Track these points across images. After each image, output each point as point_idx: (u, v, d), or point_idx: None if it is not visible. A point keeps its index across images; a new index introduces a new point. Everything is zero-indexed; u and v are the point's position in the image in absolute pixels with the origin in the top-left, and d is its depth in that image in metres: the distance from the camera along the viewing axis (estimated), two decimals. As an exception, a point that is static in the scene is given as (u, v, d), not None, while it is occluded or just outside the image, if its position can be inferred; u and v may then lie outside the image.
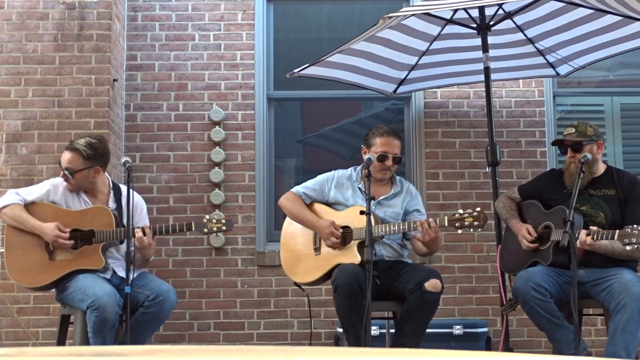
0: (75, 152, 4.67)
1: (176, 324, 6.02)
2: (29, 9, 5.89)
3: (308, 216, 4.89)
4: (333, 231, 4.72)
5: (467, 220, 4.54)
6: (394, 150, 4.83)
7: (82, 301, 4.41)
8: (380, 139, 4.83)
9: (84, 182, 4.72)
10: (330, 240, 4.73)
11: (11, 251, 4.67)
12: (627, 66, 6.69)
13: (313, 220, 4.86)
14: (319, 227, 4.80)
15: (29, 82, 5.83)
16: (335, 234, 4.72)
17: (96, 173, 4.73)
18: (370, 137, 4.88)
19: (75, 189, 4.74)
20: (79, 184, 4.72)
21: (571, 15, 5.43)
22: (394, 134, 4.88)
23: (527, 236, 4.74)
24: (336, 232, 4.72)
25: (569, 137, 4.75)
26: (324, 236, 4.76)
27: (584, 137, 4.72)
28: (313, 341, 5.91)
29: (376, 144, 4.83)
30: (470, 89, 6.33)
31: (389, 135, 4.84)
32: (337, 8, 6.75)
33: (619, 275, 4.50)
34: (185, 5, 6.39)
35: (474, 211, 4.55)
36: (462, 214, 4.56)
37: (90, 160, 4.69)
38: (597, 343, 5.75)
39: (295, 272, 4.96)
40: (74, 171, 4.66)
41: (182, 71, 6.34)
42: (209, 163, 6.22)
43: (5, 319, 5.66)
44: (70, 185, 4.72)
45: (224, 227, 4.73)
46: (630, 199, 4.71)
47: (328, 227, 4.74)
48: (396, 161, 4.87)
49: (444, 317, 5.75)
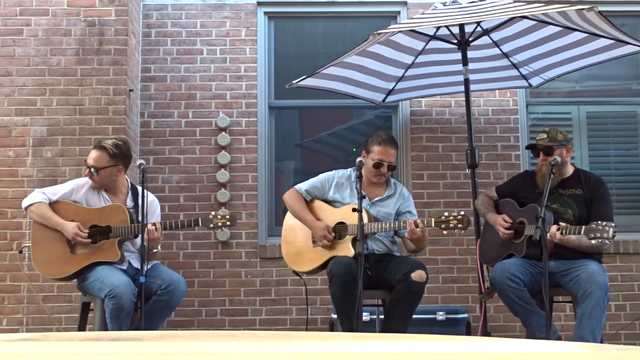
0: (103, 150, 4.68)
1: (186, 310, 6.01)
2: (53, 26, 5.88)
3: (306, 216, 4.88)
4: (326, 234, 4.73)
5: (452, 222, 4.53)
6: (389, 158, 4.81)
7: (101, 290, 4.40)
8: (378, 147, 4.80)
9: (107, 179, 4.70)
10: (322, 242, 4.74)
11: (37, 245, 4.66)
12: (592, 78, 6.69)
13: (310, 220, 4.85)
14: (315, 228, 4.79)
15: (54, 92, 5.82)
16: (327, 237, 4.73)
17: (119, 172, 4.71)
18: (369, 144, 4.86)
19: (99, 185, 4.72)
20: (102, 180, 4.70)
21: (542, 32, 5.44)
22: (391, 143, 4.83)
23: (503, 224, 4.74)
24: (328, 235, 4.73)
25: (542, 142, 4.75)
26: (318, 237, 4.76)
27: (554, 141, 4.72)
28: (310, 326, 5.91)
29: (374, 152, 4.81)
30: (452, 98, 6.33)
31: (386, 144, 4.80)
32: (332, 25, 6.74)
33: (585, 266, 4.50)
34: (194, 23, 6.38)
35: (459, 214, 4.54)
36: (448, 217, 4.54)
37: (115, 159, 4.69)
38: (566, 327, 5.74)
39: (294, 261, 4.94)
40: (99, 168, 4.65)
41: (192, 82, 6.32)
42: (216, 165, 6.21)
43: (32, 306, 5.65)
44: (94, 182, 4.70)
45: (228, 222, 4.72)
46: (595, 198, 4.72)
47: (322, 230, 4.74)
48: (390, 169, 4.85)
49: (428, 304, 5.74)
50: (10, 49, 5.86)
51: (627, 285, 6.16)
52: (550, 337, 4.36)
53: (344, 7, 6.54)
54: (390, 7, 6.52)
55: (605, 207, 4.69)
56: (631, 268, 6.18)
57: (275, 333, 2.15)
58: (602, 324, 4.39)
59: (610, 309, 5.86)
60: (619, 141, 6.64)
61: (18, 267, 5.56)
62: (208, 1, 6.42)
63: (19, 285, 5.62)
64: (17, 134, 5.76)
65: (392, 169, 4.86)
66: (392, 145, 4.84)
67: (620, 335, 6.06)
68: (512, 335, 5.95)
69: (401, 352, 1.54)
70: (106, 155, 4.67)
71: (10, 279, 5.62)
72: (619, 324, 6.07)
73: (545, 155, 4.72)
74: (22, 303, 5.63)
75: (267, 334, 1.95)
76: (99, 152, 4.68)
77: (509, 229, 4.72)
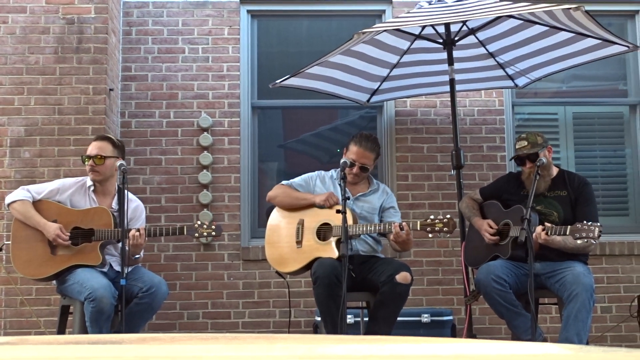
0: (107, 140, 4.72)
1: (168, 313, 5.99)
2: (31, 23, 5.84)
3: (300, 195, 4.88)
4: (328, 198, 4.70)
5: (438, 225, 4.54)
6: (361, 160, 4.81)
7: (80, 293, 4.38)
8: (354, 147, 4.82)
9: (108, 171, 4.68)
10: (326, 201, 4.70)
11: (17, 244, 4.64)
12: (578, 78, 6.73)
13: (307, 196, 4.84)
14: (313, 199, 4.78)
15: (32, 92, 5.78)
16: (331, 200, 4.69)
17: (116, 169, 4.67)
18: (349, 142, 4.88)
19: (100, 178, 4.67)
20: (105, 172, 4.66)
21: (528, 32, 5.46)
22: (367, 145, 4.82)
23: (488, 230, 4.77)
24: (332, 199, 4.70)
25: (525, 150, 4.74)
26: (318, 201, 4.73)
27: (536, 146, 4.73)
28: (293, 329, 5.90)
29: (350, 150, 4.84)
30: (437, 98, 6.35)
31: (362, 145, 4.80)
32: (316, 24, 6.74)
33: (571, 268, 4.53)
34: (176, 21, 6.36)
35: (445, 217, 4.55)
36: (434, 220, 4.55)
37: (118, 150, 4.72)
38: (551, 329, 5.77)
39: (278, 262, 4.92)
40: (105, 157, 4.63)
41: (173, 82, 6.31)
42: (198, 166, 6.20)
43: (10, 309, 5.61)
44: (95, 175, 4.65)
45: (213, 232, 4.71)
46: (580, 199, 4.75)
47: (322, 196, 4.73)
48: (363, 170, 4.85)
49: (413, 306, 5.76)
50: (-12, 47, 5.82)
51: (613, 287, 6.20)
52: (536, 339, 4.38)
53: (328, 5, 6.55)
54: (375, 5, 6.54)
55: (590, 208, 4.72)
56: (617, 270, 6.22)
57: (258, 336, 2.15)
58: (588, 326, 4.42)
59: (596, 311, 5.90)
60: (605, 142, 6.68)
61: (-5, 269, 5.53)
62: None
63: (-4, 288, 5.58)
64: (-6, 133, 5.72)
65: (364, 170, 4.85)
66: (368, 147, 4.83)
67: (606, 337, 6.11)
68: (497, 338, 5.97)
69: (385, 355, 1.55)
70: (110, 145, 4.69)
71: (-13, 281, 5.58)
72: (604, 325, 6.12)
73: (531, 162, 4.73)
74: (0, 306, 5.60)
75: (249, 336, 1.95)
76: (103, 142, 4.70)
77: (494, 235, 4.75)
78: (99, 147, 4.67)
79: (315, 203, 4.78)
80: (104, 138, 4.75)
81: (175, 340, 1.82)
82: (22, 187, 4.75)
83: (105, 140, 4.71)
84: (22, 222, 4.62)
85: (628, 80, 6.66)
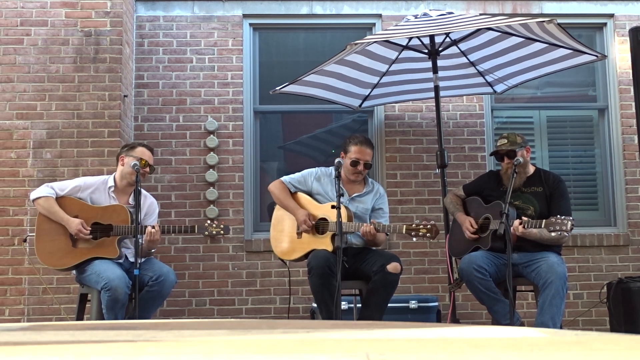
0: (151, 150, 4.85)
1: (177, 300, 5.98)
2: (52, 36, 5.83)
3: (290, 204, 4.87)
4: (306, 220, 4.73)
5: (422, 230, 4.53)
6: (365, 157, 4.82)
7: (97, 283, 4.38)
8: (354, 147, 4.82)
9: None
10: (302, 227, 4.74)
11: (40, 236, 4.62)
12: (552, 85, 6.73)
13: (294, 207, 4.84)
14: (298, 215, 4.79)
15: (52, 98, 5.77)
16: (307, 224, 4.73)
17: None
18: (347, 145, 4.87)
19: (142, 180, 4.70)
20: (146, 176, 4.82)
21: (506, 43, 5.46)
22: (367, 143, 4.85)
23: (469, 227, 4.76)
24: (309, 222, 4.73)
25: (504, 147, 4.75)
26: (299, 222, 4.76)
27: (515, 145, 4.74)
28: (292, 314, 5.90)
29: (351, 151, 4.83)
30: (423, 103, 6.34)
31: (362, 144, 4.82)
32: (312, 36, 6.74)
33: (546, 258, 4.53)
34: (184, 33, 6.36)
35: (429, 224, 4.54)
36: (418, 225, 4.54)
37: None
38: (528, 314, 5.78)
39: (282, 249, 4.93)
40: (153, 166, 4.83)
41: (182, 89, 6.29)
42: (205, 166, 6.19)
43: (33, 297, 5.59)
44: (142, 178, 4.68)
45: (222, 231, 4.76)
46: (554, 194, 4.75)
47: (304, 216, 4.75)
48: (367, 167, 4.86)
49: (401, 293, 5.76)
50: (12, 57, 5.80)
51: (584, 275, 6.21)
52: (514, 324, 4.38)
53: (323, 19, 6.54)
54: (366, 19, 6.53)
55: (563, 203, 4.72)
56: (588, 259, 6.23)
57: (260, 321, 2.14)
58: (562, 311, 4.42)
59: (569, 298, 5.90)
60: (576, 143, 6.68)
61: (19, 261, 5.52)
62: (197, 13, 6.40)
63: (21, 278, 5.57)
64: (18, 136, 5.71)
65: (368, 167, 4.86)
66: (367, 145, 4.85)
67: (578, 321, 6.11)
68: (479, 322, 5.98)
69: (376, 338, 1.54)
70: (152, 155, 4.83)
71: (12, 272, 5.57)
72: (576, 311, 6.12)
73: (509, 159, 4.74)
74: (23, 295, 5.58)
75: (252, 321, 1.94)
76: (150, 151, 4.82)
77: (475, 233, 4.74)
78: (150, 157, 4.79)
79: (296, 218, 4.80)
80: (149, 148, 4.85)
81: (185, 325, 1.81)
82: (46, 184, 4.74)
83: (150, 150, 4.84)
84: (45, 216, 4.62)
85: (597, 86, 6.67)
